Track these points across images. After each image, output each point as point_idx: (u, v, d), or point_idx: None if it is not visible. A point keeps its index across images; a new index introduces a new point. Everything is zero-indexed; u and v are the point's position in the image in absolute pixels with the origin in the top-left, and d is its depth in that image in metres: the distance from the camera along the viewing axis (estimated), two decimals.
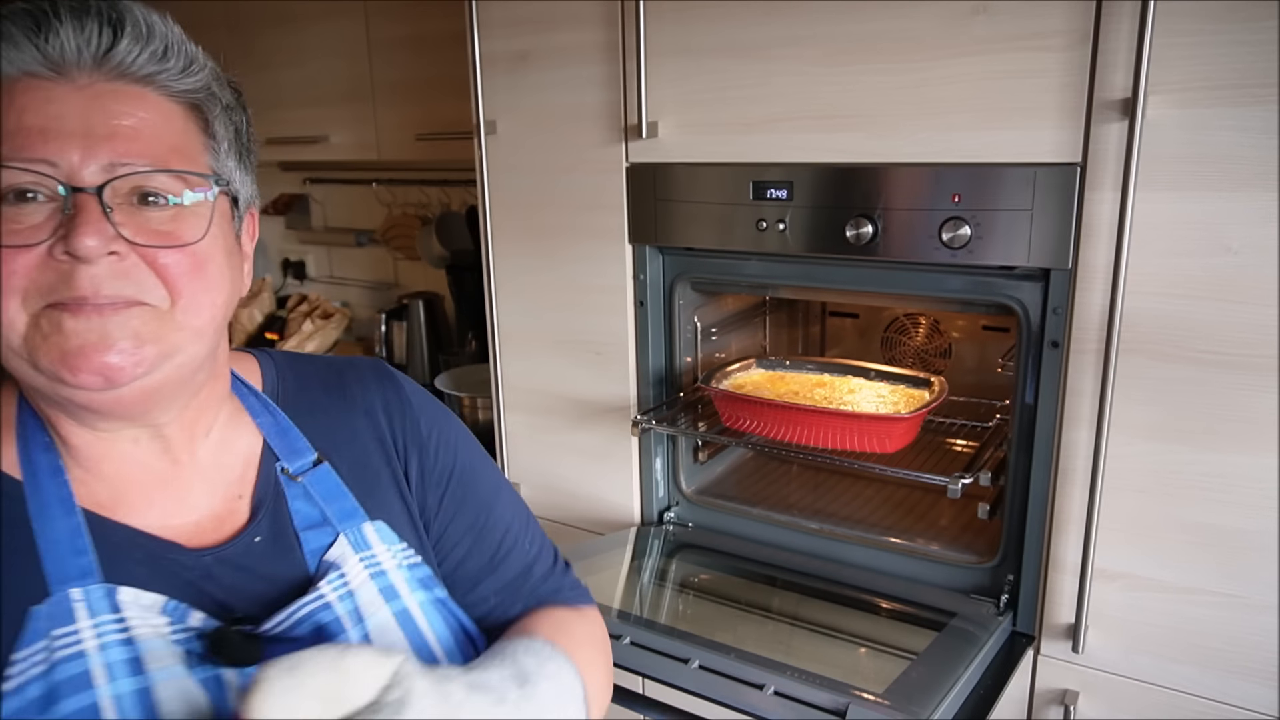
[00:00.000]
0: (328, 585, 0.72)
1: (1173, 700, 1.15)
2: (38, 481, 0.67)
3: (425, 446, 0.84)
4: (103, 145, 0.61)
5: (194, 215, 0.66)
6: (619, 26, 1.39)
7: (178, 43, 0.65)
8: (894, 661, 1.17)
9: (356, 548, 0.75)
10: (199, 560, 0.69)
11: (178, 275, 0.64)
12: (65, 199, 0.60)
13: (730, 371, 1.58)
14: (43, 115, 0.61)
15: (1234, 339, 1.03)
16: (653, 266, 1.49)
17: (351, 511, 0.77)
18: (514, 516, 0.89)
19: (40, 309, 0.61)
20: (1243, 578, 1.08)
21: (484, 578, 0.85)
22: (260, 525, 0.73)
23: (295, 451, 0.78)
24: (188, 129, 0.67)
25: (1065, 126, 1.08)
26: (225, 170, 0.70)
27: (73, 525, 0.66)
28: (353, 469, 0.80)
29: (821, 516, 1.49)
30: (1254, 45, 0.96)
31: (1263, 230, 1.00)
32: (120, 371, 0.62)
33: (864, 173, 1.23)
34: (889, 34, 1.17)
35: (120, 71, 0.63)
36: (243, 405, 0.78)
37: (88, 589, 0.64)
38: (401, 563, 0.77)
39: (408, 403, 0.85)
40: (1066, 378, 1.15)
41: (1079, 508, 1.16)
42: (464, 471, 0.86)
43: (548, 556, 0.90)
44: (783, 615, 1.31)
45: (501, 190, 1.59)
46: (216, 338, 0.70)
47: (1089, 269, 1.10)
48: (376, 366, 0.87)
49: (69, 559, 0.65)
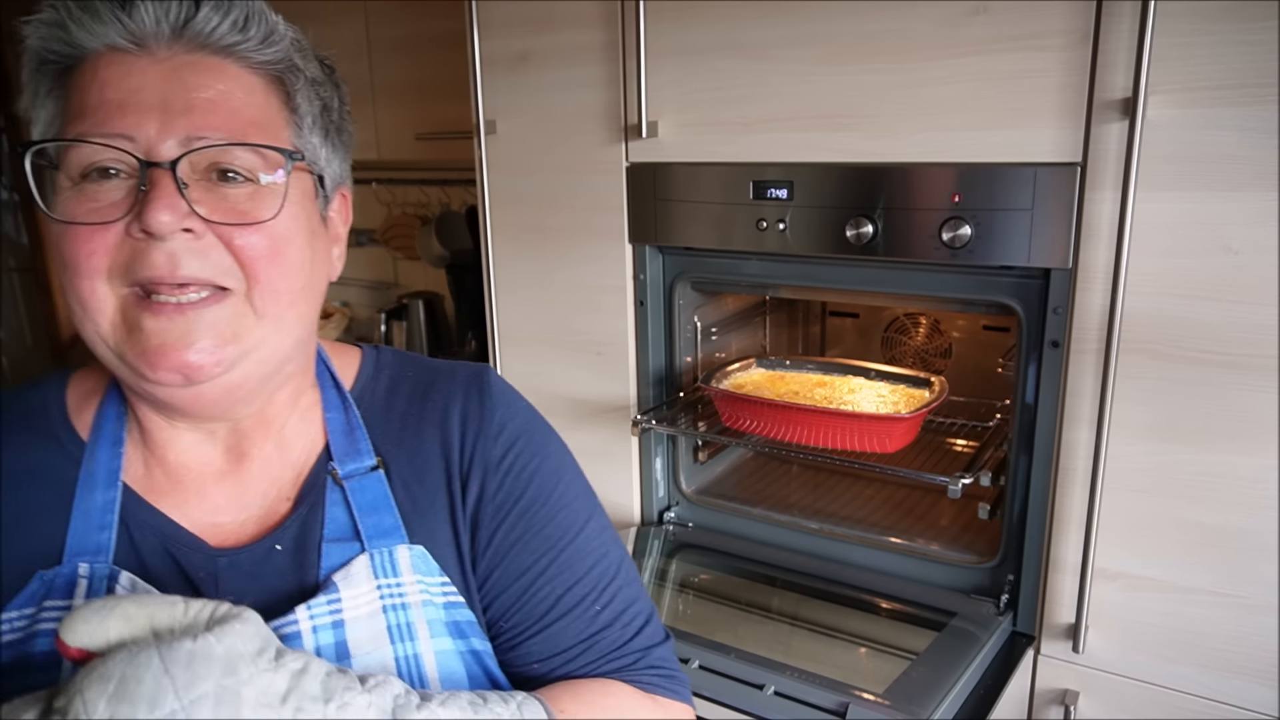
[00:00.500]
0: (306, 610, 0.64)
1: (1172, 700, 1.15)
2: (96, 449, 0.68)
3: (493, 469, 0.73)
4: (180, 118, 0.60)
5: (272, 193, 0.63)
6: (619, 26, 1.39)
7: (258, 12, 0.64)
8: (894, 661, 1.17)
9: (379, 572, 0.67)
10: (212, 561, 0.67)
11: (254, 257, 0.62)
12: (141, 174, 0.59)
13: (730, 371, 1.58)
14: (122, 89, 0.60)
15: (1234, 339, 1.03)
16: (653, 266, 1.49)
17: (390, 530, 0.69)
18: (590, 571, 0.74)
19: (125, 295, 0.61)
20: (1242, 578, 1.08)
21: (531, 638, 0.72)
22: (285, 532, 0.69)
23: (355, 454, 0.72)
24: (268, 102, 0.65)
25: (1065, 126, 1.08)
26: (309, 147, 0.68)
27: (108, 499, 0.66)
28: (408, 484, 0.72)
29: (821, 516, 1.49)
30: (1254, 45, 0.96)
31: (1263, 230, 1.00)
32: (201, 369, 0.61)
33: (864, 173, 1.23)
34: (889, 34, 1.17)
35: (200, 42, 0.62)
36: (319, 399, 0.74)
37: (94, 566, 0.64)
38: (435, 599, 0.68)
39: (489, 418, 0.74)
40: (1066, 378, 1.15)
41: (1079, 508, 1.16)
42: (531, 506, 0.73)
43: (628, 627, 0.74)
44: (783, 615, 1.31)
45: (501, 190, 1.59)
46: (300, 328, 0.68)
47: (1089, 269, 1.10)
48: (476, 375, 0.77)
49: (91, 532, 0.65)
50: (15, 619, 0.62)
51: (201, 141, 0.61)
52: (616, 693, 0.71)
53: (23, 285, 3.27)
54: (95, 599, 0.52)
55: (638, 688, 0.73)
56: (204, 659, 0.49)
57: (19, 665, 0.61)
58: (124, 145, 0.59)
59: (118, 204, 0.60)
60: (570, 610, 0.72)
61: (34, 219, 3.13)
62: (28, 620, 0.62)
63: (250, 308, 0.63)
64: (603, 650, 0.73)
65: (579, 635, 0.72)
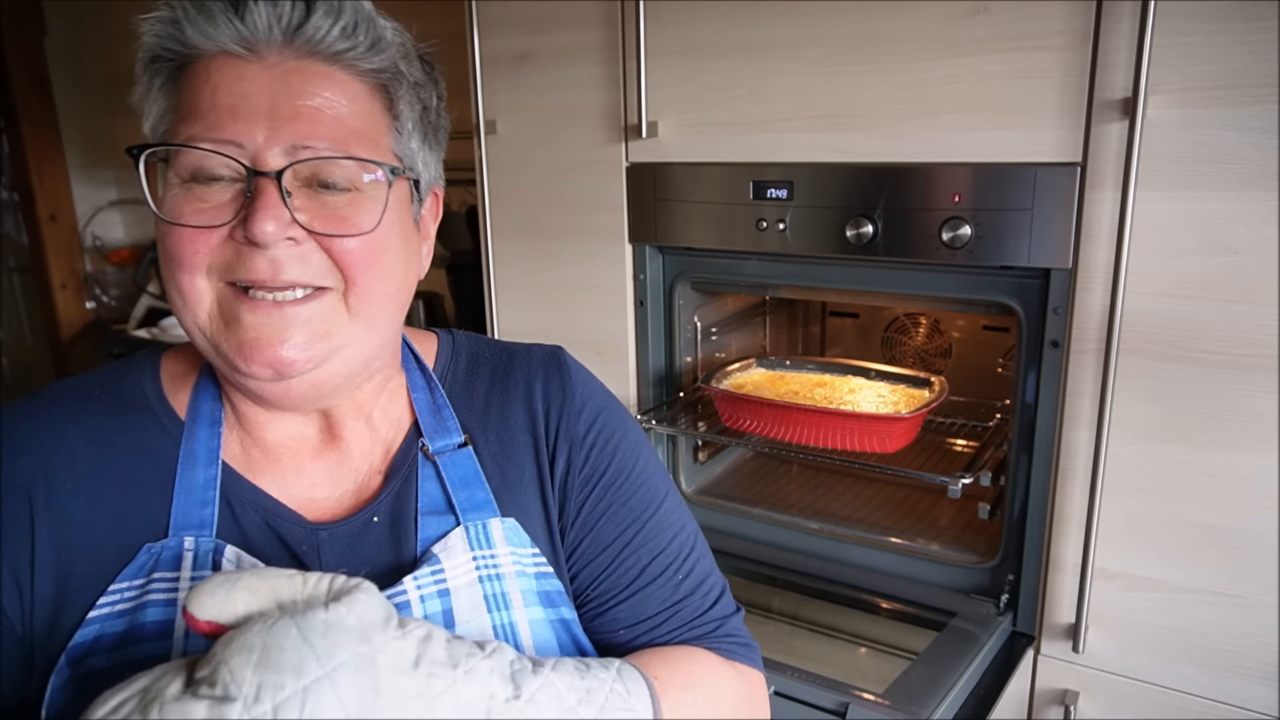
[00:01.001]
0: (413, 581, 0.67)
1: (1172, 700, 1.15)
2: (195, 429, 0.70)
3: (578, 444, 0.76)
4: (286, 126, 0.62)
5: (371, 200, 0.65)
6: (619, 26, 1.39)
7: (366, 19, 0.65)
8: (894, 661, 1.17)
9: (474, 544, 0.70)
10: (313, 535, 0.69)
11: (352, 262, 0.64)
12: (248, 181, 0.61)
13: (730, 371, 1.58)
14: (234, 94, 0.62)
15: (1234, 339, 1.03)
16: (653, 266, 1.49)
17: (483, 503, 0.72)
18: (672, 542, 0.77)
19: (223, 288, 0.63)
20: (1242, 578, 1.08)
21: (617, 605, 0.75)
22: (381, 505, 0.71)
23: (443, 431, 0.75)
24: (372, 110, 0.66)
25: (1065, 126, 1.08)
26: (407, 153, 0.69)
27: (210, 476, 0.68)
28: (497, 459, 0.75)
29: (822, 516, 1.49)
30: (1254, 45, 0.96)
31: (1263, 230, 1.00)
32: (292, 365, 0.63)
33: (864, 172, 1.23)
34: (889, 34, 1.17)
35: (310, 49, 0.63)
36: (405, 381, 0.77)
37: (199, 539, 0.66)
38: (527, 569, 0.71)
39: (571, 395, 0.78)
40: (1066, 378, 1.15)
41: (1079, 508, 1.16)
42: (616, 479, 0.76)
43: (706, 598, 0.78)
44: (783, 615, 1.31)
45: (501, 190, 1.59)
46: (390, 327, 0.70)
47: (1089, 269, 1.10)
48: (552, 354, 0.81)
49: (195, 508, 0.67)
50: (126, 590, 0.64)
51: (307, 152, 0.62)
52: (701, 659, 0.74)
53: (23, 285, 3.27)
54: (217, 574, 0.54)
55: (719, 654, 0.76)
56: (339, 628, 0.50)
57: (132, 634, 0.63)
58: (233, 152, 0.61)
59: (224, 207, 0.62)
60: (656, 579, 0.75)
61: (34, 219, 3.13)
62: (138, 591, 0.64)
63: (345, 307, 0.66)
64: (685, 618, 0.76)
65: (663, 603, 0.75)
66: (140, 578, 0.65)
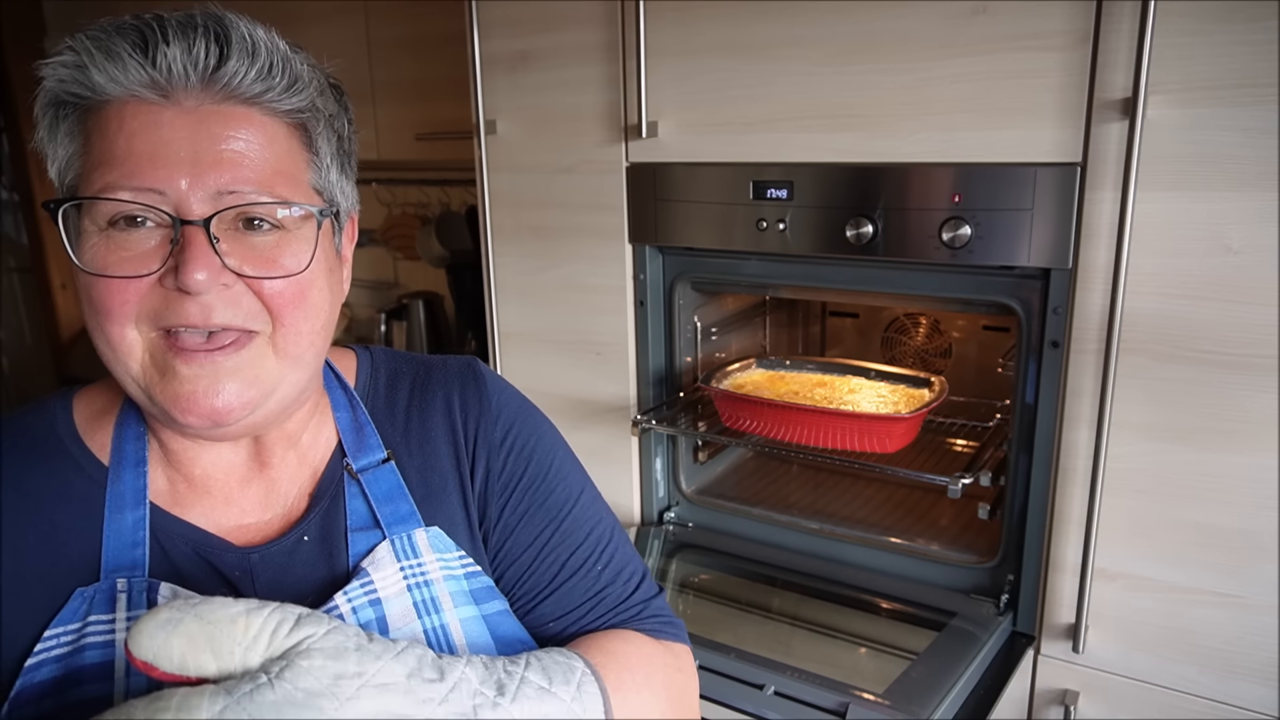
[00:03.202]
0: (344, 596, 0.69)
1: (1172, 700, 1.15)
2: (120, 471, 0.69)
3: (495, 451, 0.79)
4: (210, 172, 0.61)
5: (297, 239, 0.66)
6: (619, 26, 1.39)
7: (282, 60, 0.64)
8: (894, 661, 1.17)
9: (401, 555, 0.72)
10: (245, 559, 0.70)
11: (282, 303, 0.65)
12: (175, 231, 0.61)
13: (730, 371, 1.58)
14: (151, 141, 0.60)
15: (1234, 339, 1.03)
16: (653, 266, 1.49)
17: (407, 515, 0.74)
18: (589, 535, 0.81)
19: (154, 336, 0.63)
20: (1243, 578, 1.08)
21: (543, 600, 0.78)
22: (310, 524, 0.73)
23: (365, 449, 0.76)
24: (291, 148, 0.66)
25: (1065, 126, 1.08)
26: (328, 185, 0.70)
27: (138, 517, 0.68)
28: (420, 471, 0.77)
29: (821, 516, 1.49)
30: (1254, 45, 0.96)
31: (1263, 230, 1.00)
32: (228, 414, 0.64)
33: (864, 172, 1.23)
34: (889, 34, 1.17)
35: (228, 93, 0.62)
36: (328, 400, 0.78)
37: (132, 580, 0.66)
38: (455, 572, 0.74)
39: (487, 403, 0.80)
40: (1066, 378, 1.15)
41: (1079, 508, 1.16)
42: (534, 482, 0.80)
43: (626, 584, 0.81)
44: (783, 615, 1.31)
45: (501, 190, 1.59)
46: (317, 361, 0.71)
47: (1089, 269, 1.10)
48: (466, 365, 0.83)
49: (125, 550, 0.67)
50: (61, 635, 0.64)
51: (233, 196, 0.62)
52: (633, 639, 0.77)
53: (23, 285, 3.27)
54: (160, 609, 0.54)
55: (647, 634, 0.79)
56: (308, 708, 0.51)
57: (72, 677, 0.63)
58: (155, 201, 0.61)
59: (149, 254, 0.61)
60: (576, 571, 0.79)
61: (34, 219, 3.13)
62: (74, 635, 0.64)
63: (272, 349, 0.66)
64: (609, 605, 0.79)
65: (586, 593, 0.79)
66: (75, 622, 0.64)
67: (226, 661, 0.53)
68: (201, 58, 0.60)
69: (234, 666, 0.53)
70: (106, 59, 0.60)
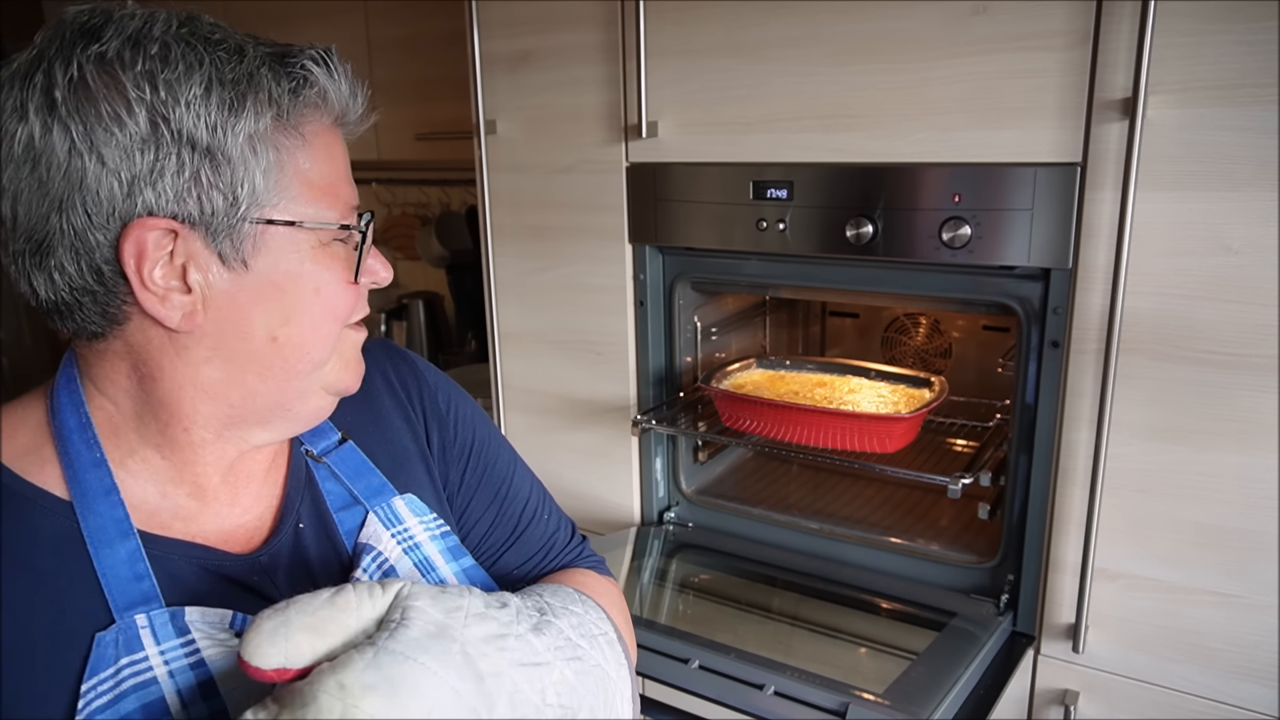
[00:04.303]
0: (363, 574, 0.71)
1: (1172, 700, 1.15)
2: (89, 502, 0.64)
3: (444, 421, 0.85)
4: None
5: None
6: (619, 26, 1.39)
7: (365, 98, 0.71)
8: (894, 661, 1.17)
9: (388, 524, 0.76)
10: (253, 562, 0.69)
11: None
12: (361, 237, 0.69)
13: (730, 371, 1.58)
14: (344, 162, 0.70)
15: (1234, 339, 1.03)
16: (653, 266, 1.49)
17: (379, 487, 0.77)
18: (532, 489, 0.91)
19: None
20: (1243, 578, 1.08)
21: (507, 551, 0.86)
22: (301, 510, 0.73)
23: (318, 433, 0.78)
24: None
25: (1065, 126, 1.08)
26: None
27: (131, 549, 0.64)
28: (381, 445, 0.80)
29: (821, 516, 1.49)
30: (1254, 45, 0.96)
31: (1263, 230, 1.00)
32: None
33: (864, 172, 1.23)
34: (889, 34, 1.17)
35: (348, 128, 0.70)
36: None
37: (151, 614, 0.63)
38: (435, 533, 0.78)
39: (423, 379, 0.86)
40: (1066, 378, 1.15)
41: (1079, 508, 1.16)
42: (482, 445, 0.87)
43: (566, 529, 0.92)
44: (783, 615, 1.31)
45: (501, 190, 1.59)
46: None
47: (1089, 269, 1.10)
48: (385, 345, 0.87)
49: (130, 584, 0.63)
50: (99, 684, 0.60)
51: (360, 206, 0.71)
52: (589, 574, 0.88)
53: None
54: (260, 619, 0.56)
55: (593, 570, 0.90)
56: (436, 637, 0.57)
57: None
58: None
59: (352, 261, 0.69)
60: (530, 521, 0.89)
61: None
62: (111, 684, 0.61)
63: None
64: (559, 549, 0.90)
65: (540, 540, 0.89)
66: (108, 668, 0.61)
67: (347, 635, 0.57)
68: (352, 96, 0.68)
69: (356, 635, 0.57)
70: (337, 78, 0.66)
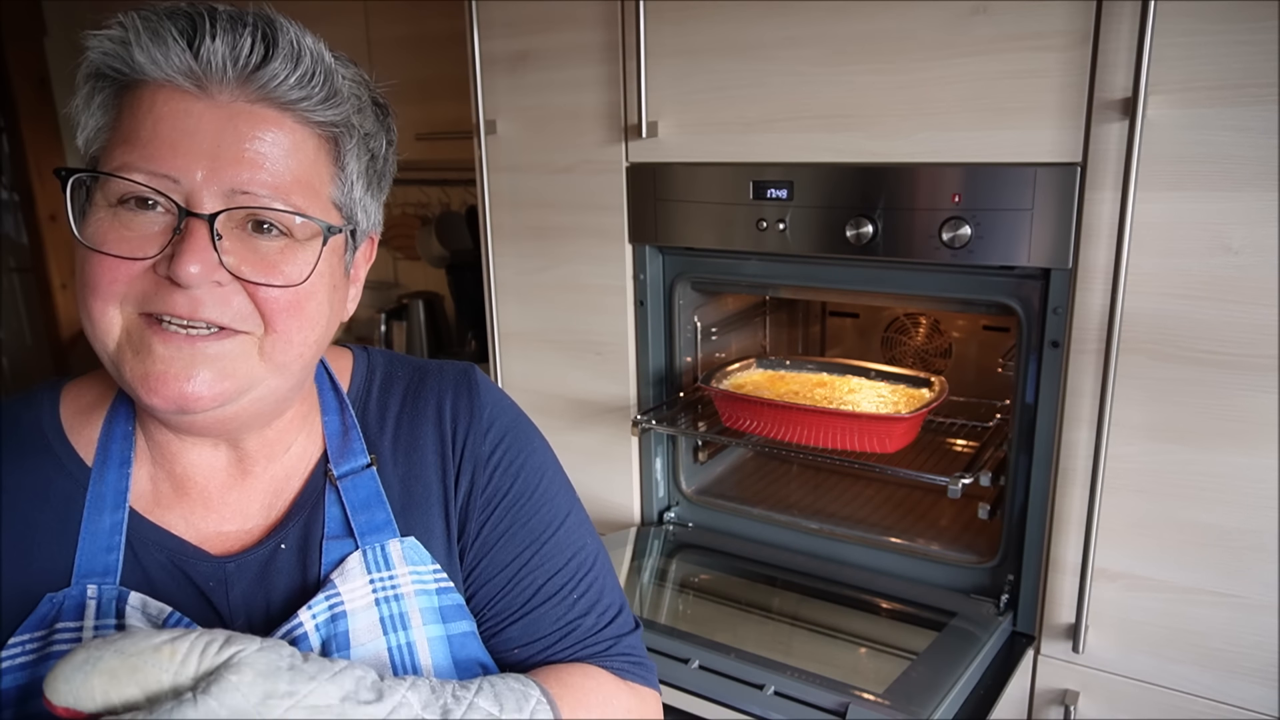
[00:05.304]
0: (308, 611, 0.67)
1: (1172, 700, 1.15)
2: (104, 472, 0.68)
3: (482, 464, 0.76)
4: (228, 169, 0.60)
5: (304, 250, 0.65)
6: (619, 26, 1.39)
7: (325, 71, 0.63)
8: (894, 661, 1.17)
9: (372, 567, 0.70)
10: (220, 568, 0.68)
11: (275, 311, 0.64)
12: (179, 219, 0.60)
13: (730, 371, 1.58)
14: (177, 129, 0.60)
15: (1234, 339, 1.03)
16: (653, 266, 1.49)
17: (382, 524, 0.72)
18: (569, 561, 0.78)
19: (134, 316, 0.62)
20: (1242, 578, 1.08)
21: (512, 625, 0.76)
22: (288, 532, 0.71)
23: (349, 454, 0.74)
24: (318, 160, 0.65)
25: (1065, 126, 1.08)
26: (348, 202, 0.69)
27: (116, 521, 0.67)
28: (404, 479, 0.75)
29: (821, 516, 1.49)
30: (1254, 45, 0.96)
31: (1263, 230, 1.00)
32: (197, 400, 0.62)
33: (864, 173, 1.23)
34: (889, 34, 1.17)
35: (264, 94, 0.61)
36: (319, 406, 0.76)
37: (102, 588, 0.64)
38: (428, 586, 0.72)
39: (479, 414, 0.78)
40: (1066, 378, 1.15)
41: (1079, 508, 1.16)
42: (518, 500, 0.77)
43: (603, 615, 0.78)
44: (783, 615, 1.31)
45: (501, 190, 1.59)
46: (305, 373, 0.70)
47: (1089, 269, 1.10)
48: (463, 372, 0.81)
49: (99, 555, 0.65)
50: (27, 642, 0.62)
51: (245, 198, 0.61)
52: (595, 675, 0.75)
53: (23, 285, 3.27)
54: (76, 651, 0.51)
55: (612, 673, 0.77)
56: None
57: (33, 687, 0.61)
58: (167, 187, 0.60)
59: (150, 239, 0.60)
60: (550, 598, 0.76)
61: (34, 219, 3.13)
62: (39, 644, 0.62)
63: (259, 351, 0.64)
64: (579, 637, 0.76)
65: (557, 622, 0.76)
66: (42, 629, 0.62)
67: (156, 690, 0.50)
68: (244, 54, 0.60)
69: (164, 690, 0.51)
70: (151, 40, 0.59)
